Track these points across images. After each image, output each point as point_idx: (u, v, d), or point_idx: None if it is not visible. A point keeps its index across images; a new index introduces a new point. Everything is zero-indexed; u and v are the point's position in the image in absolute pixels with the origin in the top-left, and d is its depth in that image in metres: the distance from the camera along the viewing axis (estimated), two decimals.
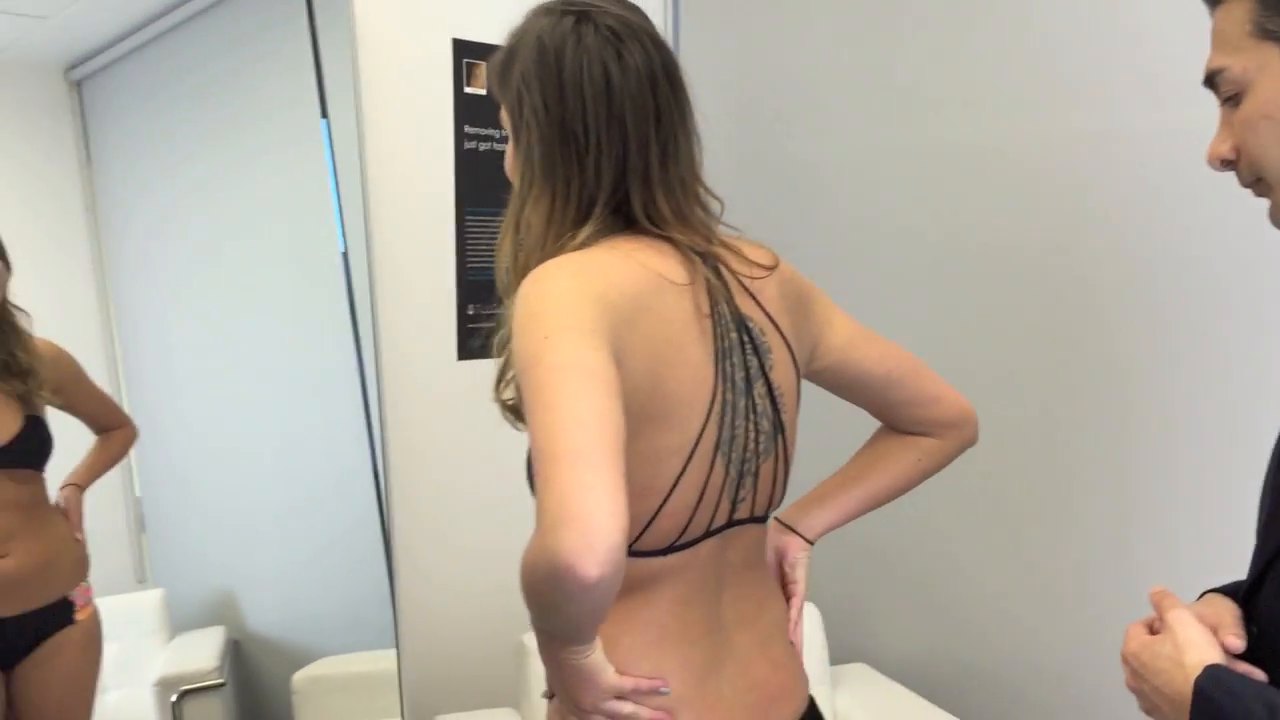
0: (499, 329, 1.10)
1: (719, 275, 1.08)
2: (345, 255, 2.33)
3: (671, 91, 1.07)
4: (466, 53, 2.14)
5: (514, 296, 1.03)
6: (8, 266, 1.97)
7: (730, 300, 1.08)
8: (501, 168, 1.16)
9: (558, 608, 0.88)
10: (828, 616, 2.18)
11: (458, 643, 2.29)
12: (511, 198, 1.11)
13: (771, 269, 1.15)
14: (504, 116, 1.12)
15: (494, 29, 2.11)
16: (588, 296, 0.95)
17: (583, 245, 1.03)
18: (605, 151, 1.04)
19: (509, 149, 1.12)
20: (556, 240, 1.05)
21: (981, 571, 2.14)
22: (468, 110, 2.15)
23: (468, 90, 2.15)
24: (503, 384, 1.11)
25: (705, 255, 1.08)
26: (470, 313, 2.20)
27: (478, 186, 2.17)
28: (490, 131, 2.18)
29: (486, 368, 2.20)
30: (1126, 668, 0.95)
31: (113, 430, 2.22)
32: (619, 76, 1.03)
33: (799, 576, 1.25)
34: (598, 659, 1.00)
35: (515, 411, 1.09)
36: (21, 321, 2.01)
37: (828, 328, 1.21)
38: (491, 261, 2.24)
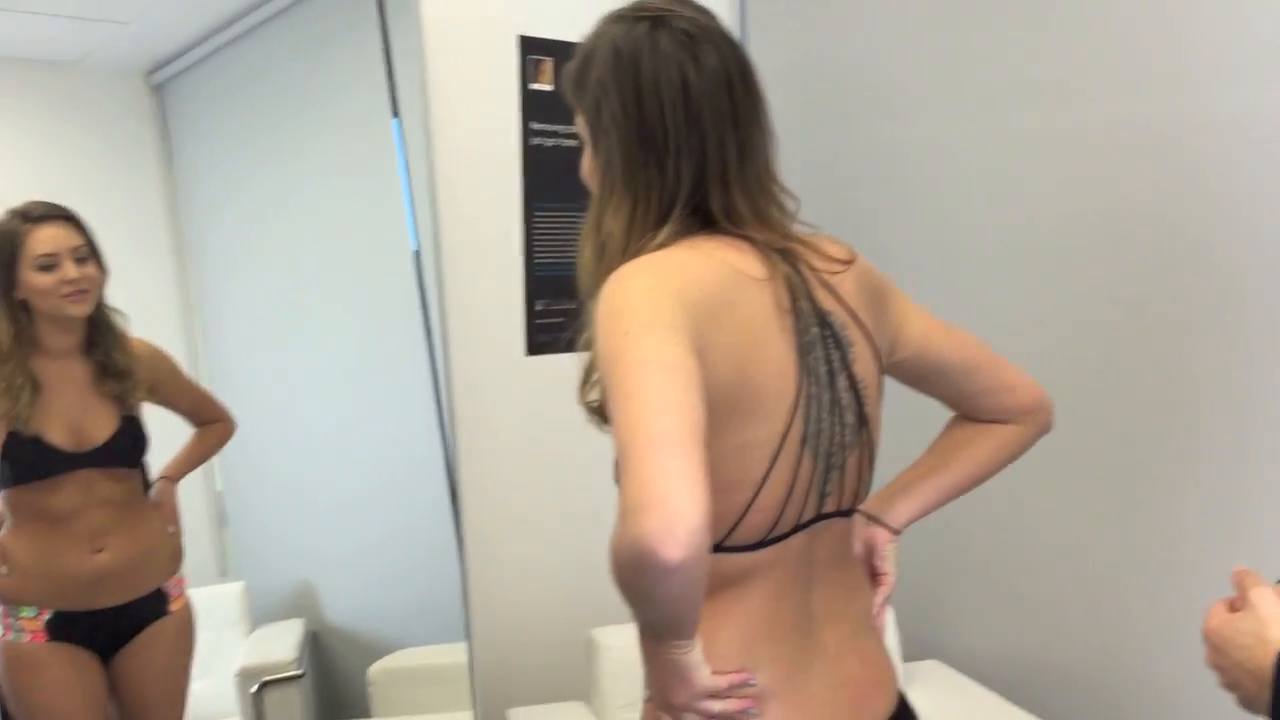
0: (582, 331, 1.11)
1: (798, 271, 1.08)
2: (417, 253, 2.36)
3: (746, 92, 1.08)
4: (532, 49, 2.15)
5: (596, 297, 1.04)
6: (103, 269, 2.02)
7: (810, 296, 1.08)
8: (567, 162, 1.17)
9: (645, 594, 0.88)
10: (900, 611, 2.16)
11: (529, 636, 2.31)
12: (591, 203, 1.12)
13: (849, 263, 1.15)
14: (580, 123, 1.13)
15: (560, 25, 2.12)
16: (667, 294, 0.96)
17: (662, 245, 1.04)
18: (684, 154, 1.04)
19: (586, 155, 1.13)
20: (637, 242, 1.06)
21: (1062, 564, 2.10)
22: (534, 106, 2.16)
23: (533, 87, 2.16)
24: (587, 386, 1.11)
25: (783, 252, 1.08)
26: (538, 308, 2.21)
27: (544, 182, 2.18)
28: (556, 128, 2.19)
29: (554, 362, 2.21)
30: (1207, 644, 0.95)
31: (210, 424, 2.26)
32: (696, 79, 1.04)
33: (889, 568, 1.25)
34: (695, 657, 1.00)
35: (600, 414, 1.10)
36: (118, 322, 2.06)
37: (905, 321, 1.21)
38: (558, 256, 2.25)
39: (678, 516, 0.82)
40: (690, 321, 0.95)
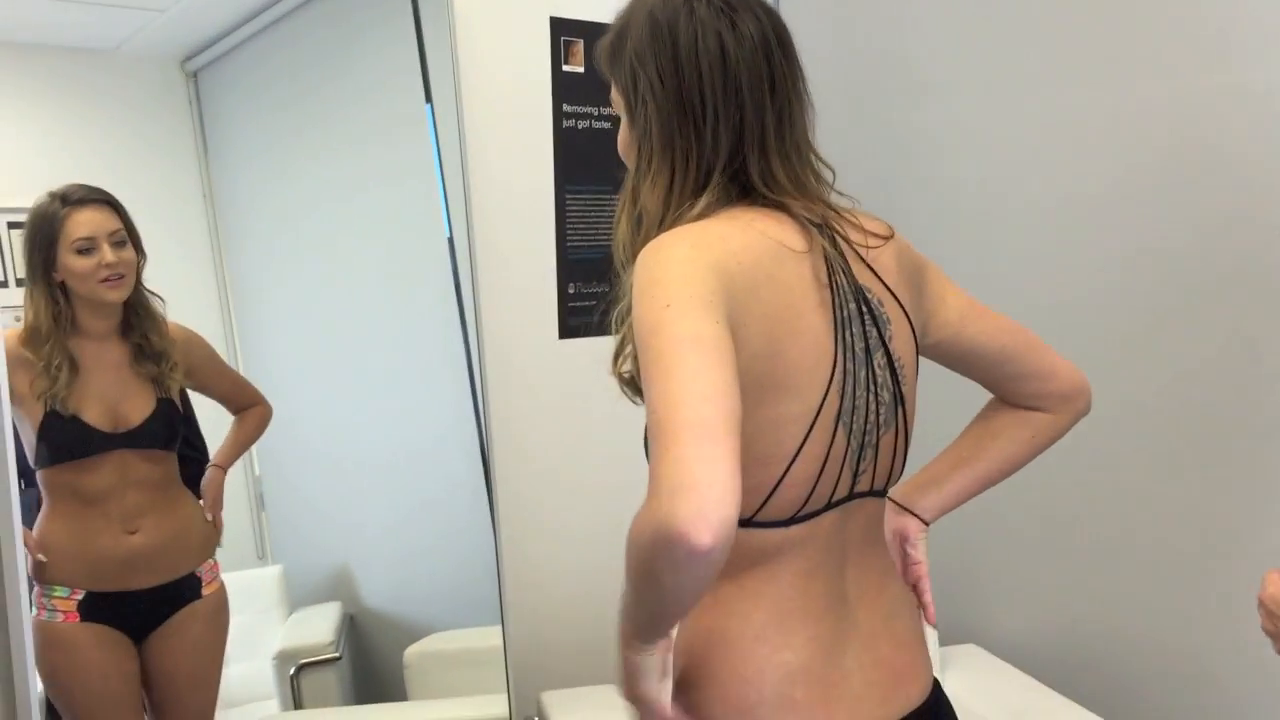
0: (617, 303, 1.10)
1: (835, 245, 1.08)
2: (450, 240, 2.36)
3: (785, 59, 1.08)
4: (564, 31, 2.15)
5: (629, 273, 1.03)
6: (142, 254, 2.04)
7: (848, 271, 1.07)
8: (599, 144, 1.16)
9: (658, 577, 0.87)
10: (937, 594, 2.12)
11: (563, 620, 2.31)
12: (628, 175, 1.12)
13: (887, 238, 1.14)
14: (615, 97, 1.13)
15: (591, 6, 2.11)
16: (707, 265, 0.95)
17: (700, 216, 1.04)
18: (723, 120, 1.04)
19: (622, 128, 1.13)
20: (674, 212, 1.06)
21: (1101, 547, 2.08)
22: (566, 88, 2.15)
23: (566, 69, 2.15)
24: (621, 358, 1.11)
25: (821, 225, 1.08)
26: (570, 291, 2.21)
27: (577, 164, 2.17)
28: (588, 109, 2.18)
29: (587, 346, 2.21)
30: (1262, 610, 0.97)
31: (247, 409, 2.28)
32: (734, 45, 1.04)
33: (921, 557, 1.25)
34: (651, 663, 0.99)
35: (633, 385, 1.10)
36: (156, 306, 2.09)
37: (941, 302, 1.20)
38: (590, 240, 2.24)
39: (714, 504, 0.81)
40: (728, 295, 0.94)
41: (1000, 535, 2.25)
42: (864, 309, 1.08)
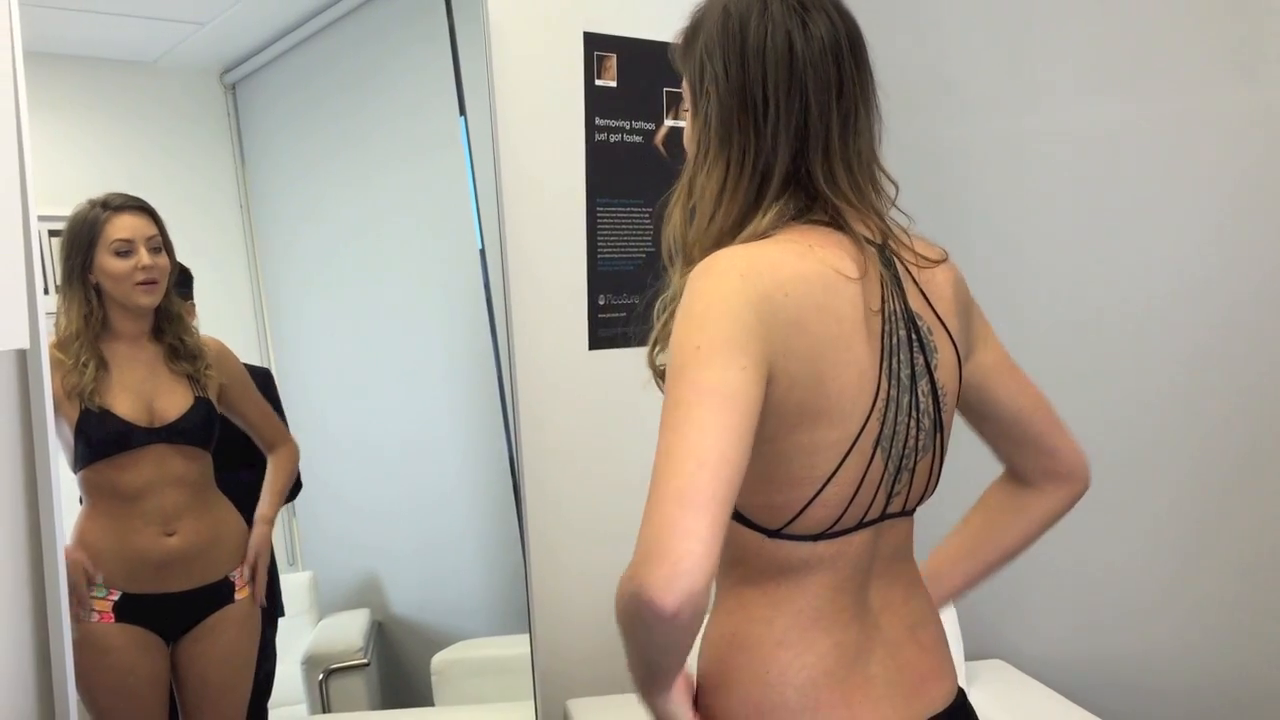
0: (662, 292, 1.11)
1: (893, 270, 1.08)
2: (482, 252, 2.38)
3: (855, 64, 1.07)
4: (597, 45, 2.17)
5: (678, 267, 1.06)
6: (174, 262, 2.09)
7: (902, 296, 1.08)
8: (631, 158, 1.17)
9: (636, 635, 0.93)
10: (963, 610, 2.14)
11: (590, 629, 2.32)
12: (685, 166, 1.12)
13: (939, 261, 1.14)
14: (684, 89, 1.13)
15: (624, 21, 2.14)
16: (752, 302, 0.96)
17: (766, 232, 1.03)
18: (784, 119, 1.04)
19: (688, 122, 1.13)
20: (729, 214, 1.06)
21: (1131, 565, 2.07)
22: (598, 102, 2.18)
23: (598, 83, 2.18)
24: (657, 349, 1.12)
25: (881, 246, 1.07)
26: (601, 303, 2.23)
27: (608, 177, 2.20)
28: (620, 123, 2.20)
29: (617, 357, 2.22)
30: None
31: (277, 448, 2.31)
32: (802, 45, 1.04)
33: None
34: (674, 710, 1.04)
35: (664, 376, 1.11)
36: (185, 312, 2.13)
37: (982, 345, 1.20)
38: (621, 252, 2.26)
39: (682, 576, 0.85)
40: (767, 331, 0.95)
41: (1027, 552, 2.24)
42: (913, 336, 1.08)
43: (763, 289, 0.97)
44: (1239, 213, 1.80)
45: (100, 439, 1.98)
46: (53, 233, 2.22)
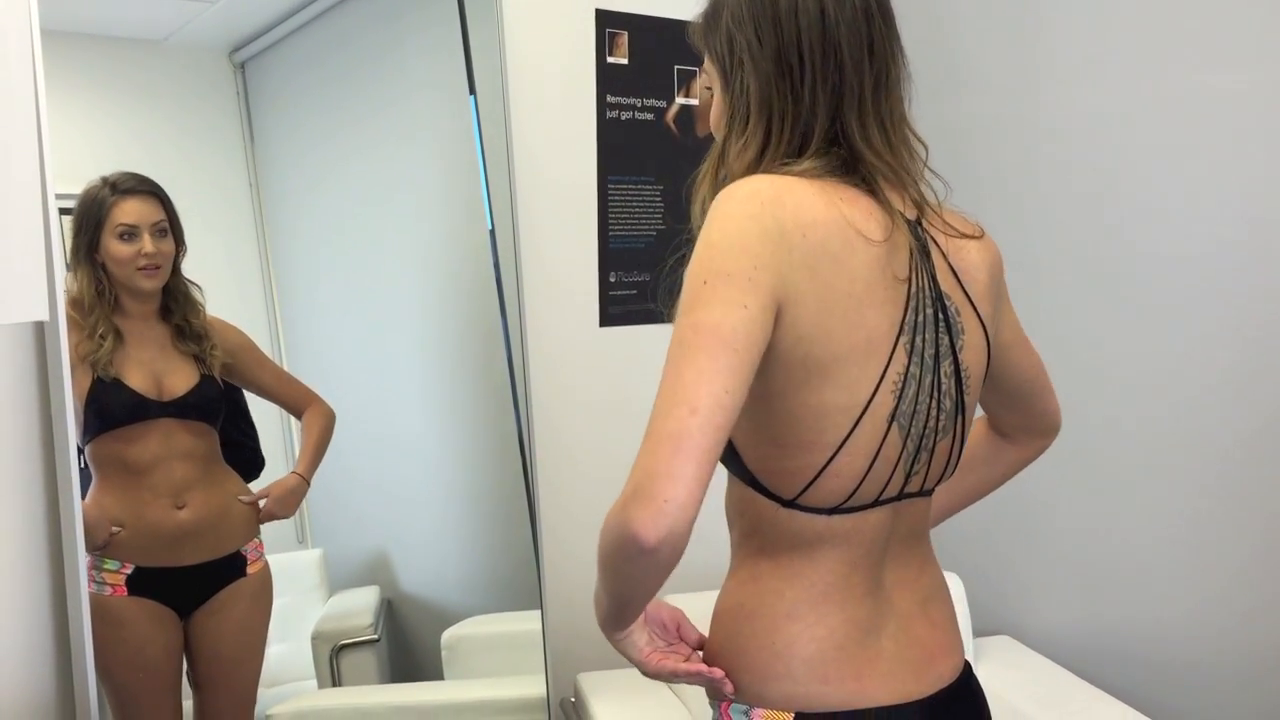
0: (680, 259, 1.13)
1: (925, 248, 1.08)
2: (492, 231, 2.39)
3: (885, 24, 1.08)
4: (609, 23, 2.17)
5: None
6: (181, 244, 2.10)
7: (931, 274, 1.08)
8: (642, 135, 1.18)
9: (615, 564, 0.98)
10: (970, 585, 2.15)
11: None
12: (716, 143, 1.12)
13: (975, 238, 1.15)
14: (708, 68, 1.13)
15: None
16: (769, 233, 0.96)
17: (800, 175, 1.03)
18: (820, 81, 1.04)
19: (715, 100, 1.13)
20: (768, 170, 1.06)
21: (1137, 539, 2.08)
22: (610, 80, 2.18)
23: (610, 60, 2.18)
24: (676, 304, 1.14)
25: (915, 223, 1.08)
26: (612, 280, 2.23)
27: (619, 155, 2.20)
28: (632, 101, 2.20)
29: (628, 334, 2.23)
30: None
31: (306, 409, 2.33)
32: (833, 6, 1.04)
33: None
34: (634, 640, 1.11)
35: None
36: (195, 294, 2.14)
37: (1002, 324, 1.21)
38: (632, 229, 2.27)
39: (665, 515, 0.90)
40: (782, 266, 0.96)
41: (1033, 528, 2.25)
42: (940, 316, 1.07)
43: (783, 224, 0.97)
44: (1262, 195, 1.81)
45: (110, 409, 2.00)
46: (63, 210, 2.23)
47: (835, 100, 1.05)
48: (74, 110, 2.43)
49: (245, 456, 2.25)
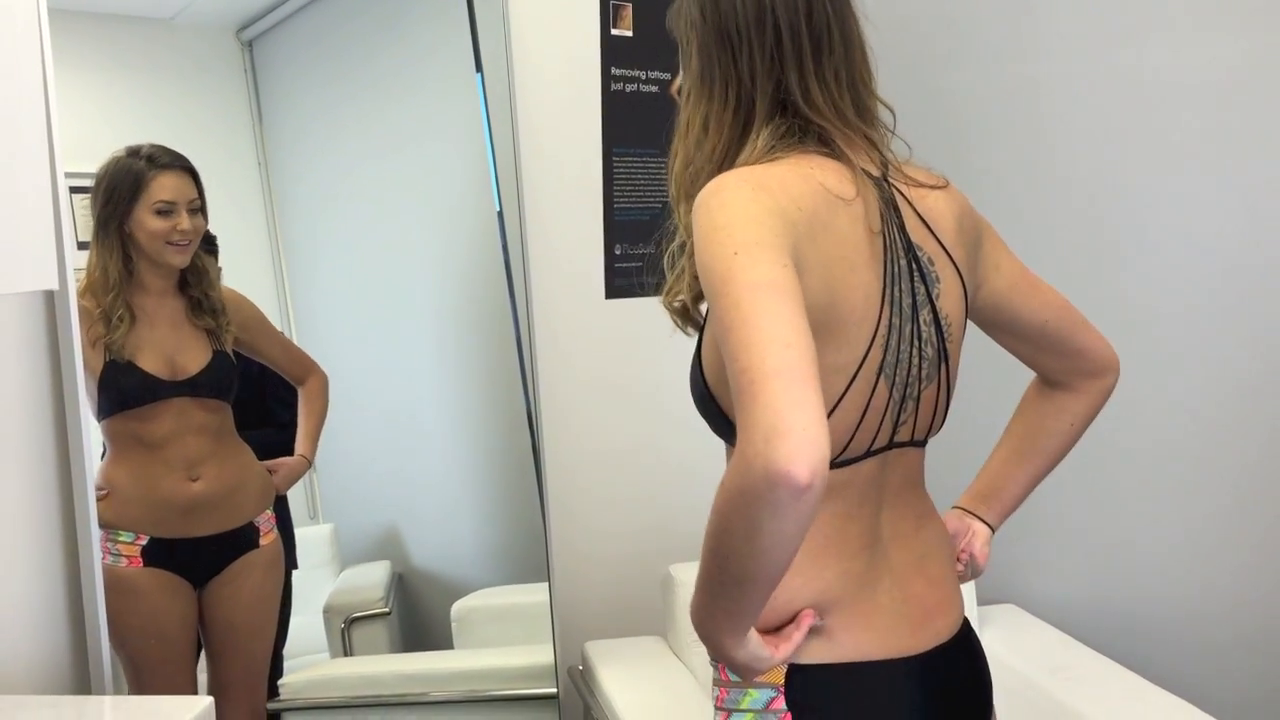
0: (671, 239, 1.14)
1: (892, 202, 1.10)
2: (500, 214, 2.40)
3: None
4: None
5: (683, 206, 1.08)
6: (206, 221, 2.12)
7: (901, 227, 1.10)
8: (647, 107, 1.20)
9: (760, 526, 0.88)
10: None
11: (607, 574, 2.36)
12: (677, 112, 1.15)
13: (939, 188, 1.16)
14: (681, 48, 1.16)
15: None
16: (769, 210, 0.97)
17: (760, 158, 1.06)
18: (757, 45, 1.07)
19: (680, 76, 1.17)
20: (719, 141, 1.09)
21: (1141, 507, 2.09)
22: (615, 52, 2.18)
23: (614, 32, 2.18)
24: (673, 292, 1.14)
25: (880, 180, 1.09)
26: (617, 252, 2.24)
27: (624, 127, 2.21)
28: (636, 73, 2.21)
29: (633, 306, 2.24)
30: None
31: (306, 380, 2.35)
32: None
33: (984, 562, 1.32)
34: (751, 649, 1.03)
35: (684, 315, 1.14)
36: (211, 268, 2.16)
37: (995, 270, 1.22)
38: (637, 201, 2.28)
39: (810, 444, 0.83)
40: (791, 241, 0.96)
41: (1039, 497, 2.25)
42: (914, 266, 1.09)
43: (776, 201, 0.99)
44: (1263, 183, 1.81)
45: (124, 391, 2.02)
46: (74, 189, 2.24)
47: (775, 67, 1.07)
48: (82, 88, 2.45)
49: (272, 440, 2.28)
